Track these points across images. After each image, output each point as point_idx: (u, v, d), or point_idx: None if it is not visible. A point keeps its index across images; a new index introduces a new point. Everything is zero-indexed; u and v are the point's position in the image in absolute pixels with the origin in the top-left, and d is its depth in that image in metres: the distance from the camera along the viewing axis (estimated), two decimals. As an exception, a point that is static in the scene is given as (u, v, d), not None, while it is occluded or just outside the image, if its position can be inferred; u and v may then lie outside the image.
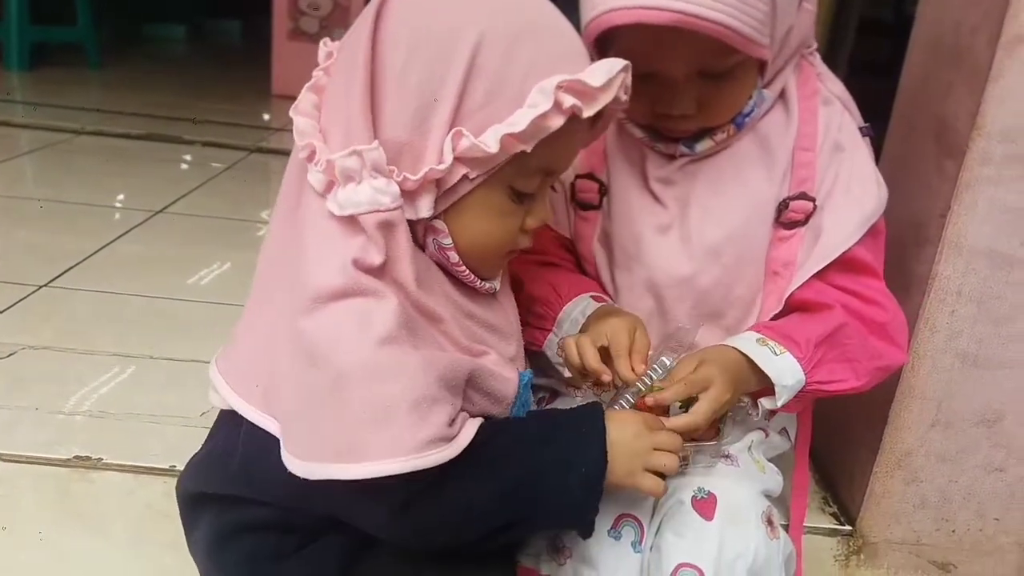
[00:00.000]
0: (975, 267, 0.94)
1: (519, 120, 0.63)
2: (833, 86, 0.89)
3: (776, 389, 0.79)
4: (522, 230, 0.73)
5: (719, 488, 0.78)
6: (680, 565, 0.74)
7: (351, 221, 0.64)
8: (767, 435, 0.91)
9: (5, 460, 1.01)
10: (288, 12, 3.85)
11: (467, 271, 0.72)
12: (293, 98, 0.70)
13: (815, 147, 0.85)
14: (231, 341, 0.74)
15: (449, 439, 0.63)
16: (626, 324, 0.79)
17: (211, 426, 0.78)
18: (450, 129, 0.64)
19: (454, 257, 0.71)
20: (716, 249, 0.85)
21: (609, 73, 0.65)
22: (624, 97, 0.69)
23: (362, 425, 0.60)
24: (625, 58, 0.68)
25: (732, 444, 0.86)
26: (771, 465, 0.87)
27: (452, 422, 0.64)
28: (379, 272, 0.64)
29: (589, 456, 0.69)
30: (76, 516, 1.00)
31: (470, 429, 0.66)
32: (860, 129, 0.89)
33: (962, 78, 0.92)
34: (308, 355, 0.62)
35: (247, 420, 0.69)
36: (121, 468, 1.01)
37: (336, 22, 3.86)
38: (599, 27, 0.76)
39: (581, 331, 0.83)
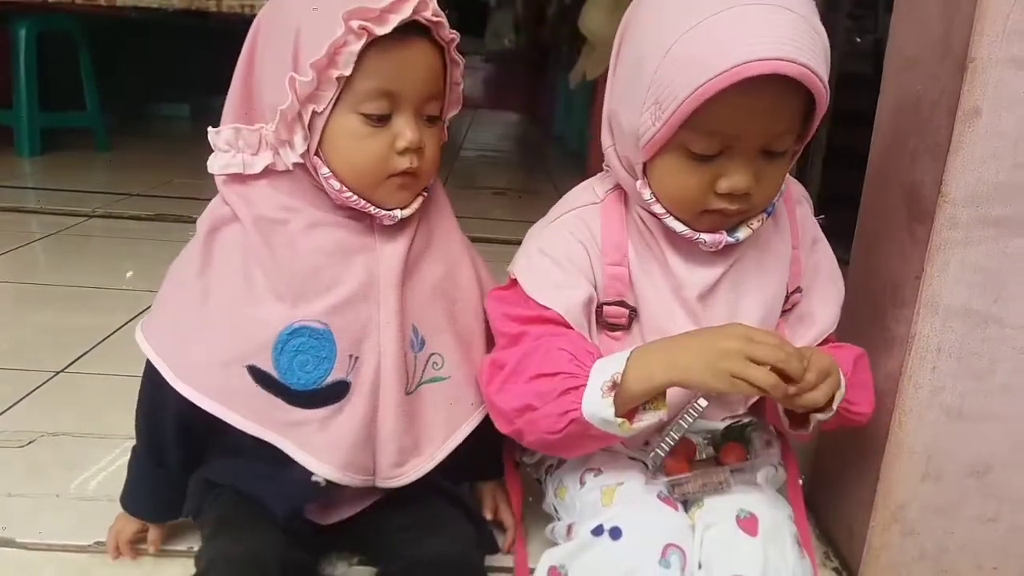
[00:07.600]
0: (952, 325, 0.98)
1: (317, 49, 0.79)
2: (795, 187, 1.00)
3: (836, 397, 0.85)
4: (396, 153, 0.86)
5: (758, 509, 0.87)
6: None
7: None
8: (776, 470, 0.99)
9: (28, 549, 1.05)
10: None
11: (356, 197, 0.86)
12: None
13: (800, 244, 0.97)
14: None
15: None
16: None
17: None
18: None
19: (336, 184, 0.85)
20: None
21: None
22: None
23: (184, 337, 0.93)
24: (713, 124, 0.79)
25: (757, 470, 0.93)
26: (782, 497, 0.94)
27: None
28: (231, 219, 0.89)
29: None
30: (98, 601, 1.03)
31: None
32: (817, 220, 1.00)
33: (925, 148, 0.98)
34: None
35: None
36: (140, 552, 1.04)
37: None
38: (733, 78, 0.74)
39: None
